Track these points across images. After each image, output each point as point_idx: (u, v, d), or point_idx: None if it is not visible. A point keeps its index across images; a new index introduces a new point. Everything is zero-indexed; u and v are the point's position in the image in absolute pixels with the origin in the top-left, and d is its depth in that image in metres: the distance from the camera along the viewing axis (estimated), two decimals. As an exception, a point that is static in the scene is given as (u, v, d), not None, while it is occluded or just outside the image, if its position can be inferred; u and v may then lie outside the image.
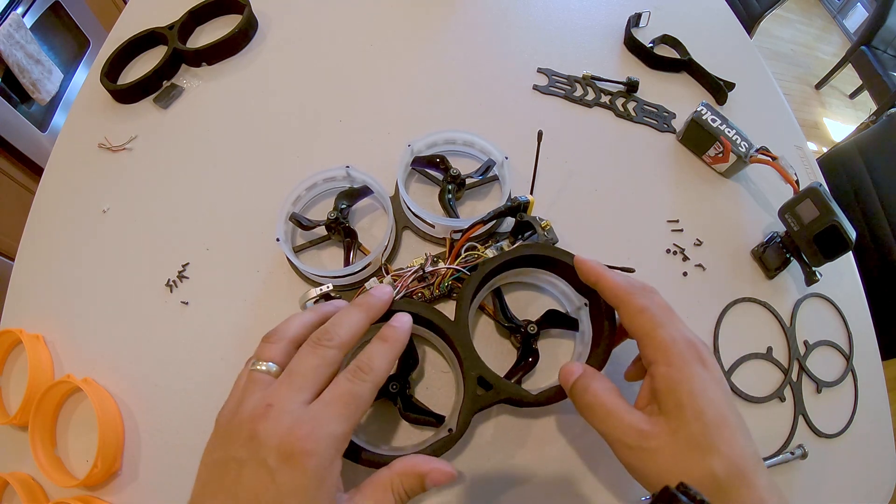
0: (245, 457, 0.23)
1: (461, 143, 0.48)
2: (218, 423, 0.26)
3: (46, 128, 1.06)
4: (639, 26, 0.62)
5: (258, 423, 0.24)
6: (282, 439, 0.23)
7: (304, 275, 0.41)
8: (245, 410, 0.25)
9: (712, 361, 0.28)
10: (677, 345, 0.27)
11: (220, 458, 0.24)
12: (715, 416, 0.25)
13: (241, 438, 0.24)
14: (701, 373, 0.26)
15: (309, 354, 0.27)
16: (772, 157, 0.46)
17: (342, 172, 0.43)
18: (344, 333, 0.28)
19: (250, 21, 0.56)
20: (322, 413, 0.24)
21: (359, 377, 0.26)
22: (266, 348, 0.28)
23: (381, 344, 0.28)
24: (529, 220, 0.38)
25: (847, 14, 2.66)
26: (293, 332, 0.28)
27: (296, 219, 0.42)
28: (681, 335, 0.28)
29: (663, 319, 0.29)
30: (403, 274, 0.38)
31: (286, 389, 0.25)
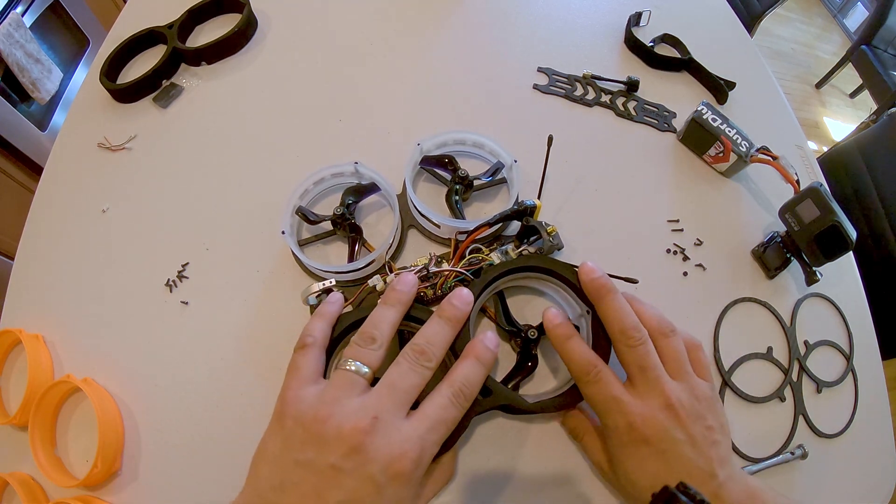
0: (348, 467, 0.24)
1: (471, 144, 0.48)
2: (298, 419, 0.25)
3: (46, 127, 1.06)
4: (639, 25, 0.62)
5: (365, 436, 0.24)
6: (393, 458, 0.24)
7: (307, 269, 0.41)
8: (345, 417, 0.25)
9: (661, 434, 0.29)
10: (618, 432, 0.30)
11: (310, 461, 0.24)
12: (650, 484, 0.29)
13: (342, 447, 0.24)
14: (638, 451, 0.30)
15: (411, 372, 0.27)
16: (772, 156, 0.46)
17: (350, 168, 0.43)
18: (440, 353, 0.29)
19: (250, 20, 0.56)
20: (428, 437, 0.26)
21: (459, 402, 0.27)
22: (364, 352, 0.28)
23: (478, 367, 0.29)
24: (535, 224, 0.38)
25: (847, 13, 2.66)
26: (388, 337, 0.29)
27: (302, 212, 0.42)
28: (625, 421, 0.30)
29: (610, 406, 0.30)
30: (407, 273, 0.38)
31: (391, 404, 0.26)
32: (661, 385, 0.30)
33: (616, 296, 0.33)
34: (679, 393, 0.30)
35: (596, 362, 0.32)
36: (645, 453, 0.29)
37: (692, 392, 0.31)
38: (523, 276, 0.38)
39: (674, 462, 0.29)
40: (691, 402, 0.30)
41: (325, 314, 0.32)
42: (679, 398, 0.30)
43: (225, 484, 0.27)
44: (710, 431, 0.30)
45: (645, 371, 0.31)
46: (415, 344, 0.29)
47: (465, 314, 0.31)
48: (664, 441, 0.29)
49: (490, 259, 0.39)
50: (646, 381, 0.31)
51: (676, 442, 0.29)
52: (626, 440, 0.30)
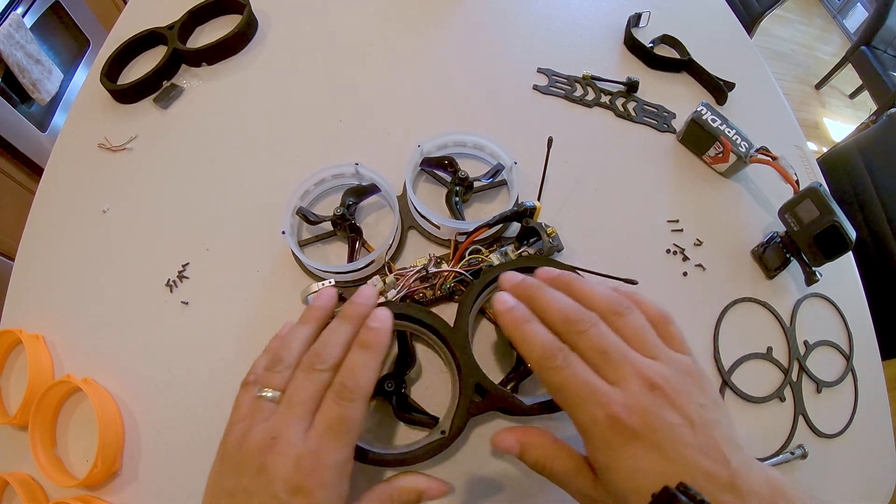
0: (255, 489, 0.24)
1: (471, 146, 0.48)
2: (225, 450, 0.27)
3: (46, 128, 1.06)
4: (639, 26, 0.62)
5: (266, 457, 0.25)
6: (289, 474, 0.24)
7: (307, 269, 0.41)
8: (252, 442, 0.25)
9: (651, 420, 0.24)
10: (599, 427, 0.24)
11: (230, 488, 0.25)
12: (653, 487, 0.23)
13: (250, 470, 0.25)
14: (630, 451, 0.24)
15: (305, 381, 0.27)
16: (772, 157, 0.46)
17: (351, 169, 0.43)
18: (335, 352, 0.28)
19: (250, 21, 0.56)
20: (320, 446, 0.25)
21: (346, 398, 0.26)
22: (271, 377, 0.28)
23: (362, 353, 0.28)
24: (535, 226, 0.38)
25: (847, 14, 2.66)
26: (296, 356, 0.29)
27: (302, 213, 0.42)
28: (604, 413, 0.24)
29: (584, 395, 0.25)
30: (406, 273, 0.38)
31: (288, 420, 0.26)
32: (632, 364, 0.26)
33: (544, 289, 0.29)
34: (658, 369, 0.26)
35: (562, 346, 0.27)
36: (638, 451, 0.24)
37: (673, 366, 0.26)
38: None
39: (675, 455, 0.24)
40: (677, 378, 0.26)
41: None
42: (661, 374, 0.25)
43: (225, 484, 0.27)
44: (706, 409, 0.25)
45: (607, 353, 0.26)
46: (312, 348, 0.28)
47: (367, 309, 0.30)
48: (658, 430, 0.24)
49: (489, 260, 0.39)
50: (612, 364, 0.26)
51: (673, 427, 0.24)
52: (611, 438, 0.24)
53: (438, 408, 0.37)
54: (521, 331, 0.28)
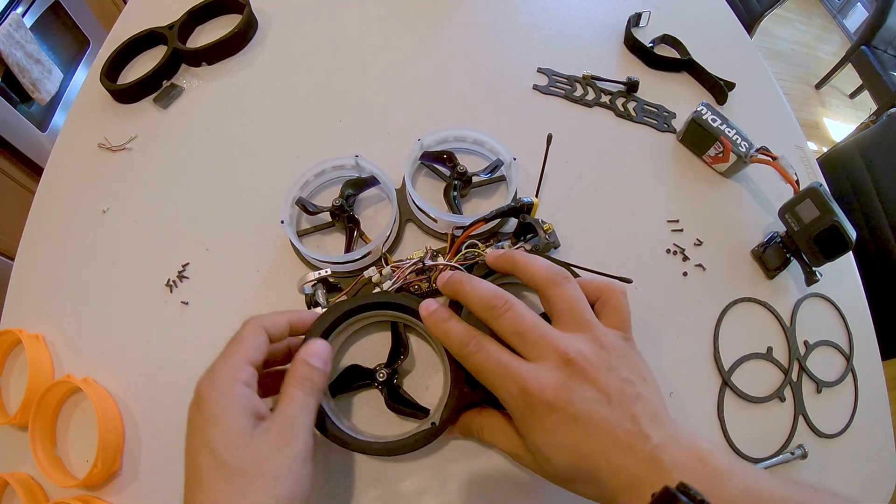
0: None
1: (471, 142, 0.48)
2: None
3: (46, 128, 1.06)
4: (639, 26, 0.62)
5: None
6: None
7: (305, 259, 0.42)
8: None
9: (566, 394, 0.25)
10: (515, 401, 0.26)
11: None
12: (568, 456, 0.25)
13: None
14: (545, 422, 0.25)
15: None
16: (772, 156, 0.46)
17: (351, 161, 0.44)
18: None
19: (250, 21, 0.56)
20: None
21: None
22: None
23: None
24: (532, 221, 0.38)
25: (847, 14, 2.66)
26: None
27: (302, 203, 0.42)
28: (518, 387, 0.26)
29: (499, 372, 0.27)
30: (402, 265, 0.38)
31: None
32: (548, 341, 0.26)
33: (466, 281, 0.30)
34: (576, 344, 0.26)
35: (475, 333, 0.28)
36: (553, 423, 0.25)
37: (596, 342, 0.27)
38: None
39: (590, 428, 0.24)
40: (596, 352, 0.26)
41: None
42: (578, 349, 0.26)
43: (225, 484, 0.27)
44: (628, 384, 0.26)
45: (523, 334, 0.27)
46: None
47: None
48: (571, 403, 0.25)
49: (485, 255, 0.39)
50: (529, 343, 0.27)
51: (587, 401, 0.25)
52: (527, 411, 0.26)
53: (431, 399, 0.37)
54: (441, 328, 0.30)
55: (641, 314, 0.42)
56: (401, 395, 0.36)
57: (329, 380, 0.30)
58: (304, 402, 0.28)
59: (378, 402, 0.36)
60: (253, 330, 0.30)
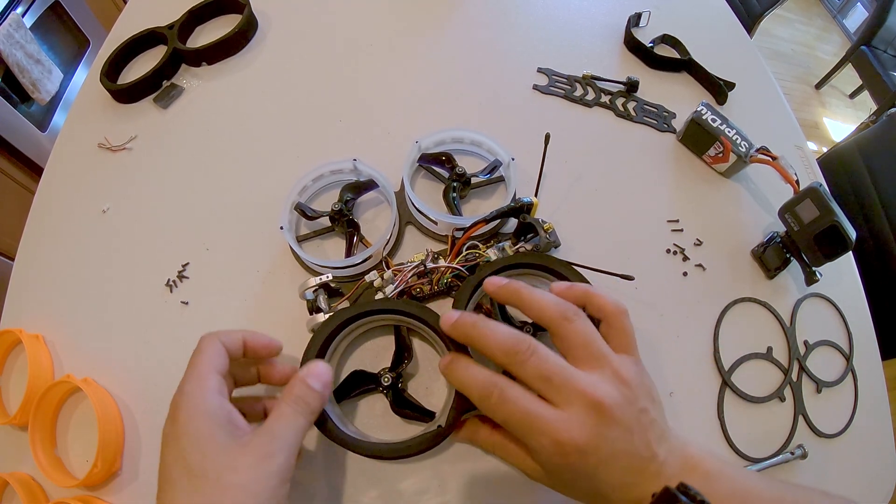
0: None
1: (469, 143, 0.48)
2: None
3: (46, 128, 1.06)
4: (639, 26, 0.62)
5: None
6: None
7: (305, 264, 0.42)
8: None
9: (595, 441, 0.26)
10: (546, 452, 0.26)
11: None
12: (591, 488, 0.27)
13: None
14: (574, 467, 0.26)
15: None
16: (772, 156, 0.46)
17: (349, 165, 0.44)
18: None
19: (250, 21, 0.56)
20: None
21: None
22: None
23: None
24: (532, 221, 0.38)
25: (847, 14, 2.66)
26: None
27: (300, 208, 0.42)
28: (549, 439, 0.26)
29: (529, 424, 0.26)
30: (404, 269, 0.38)
31: None
32: (574, 385, 0.26)
33: (479, 325, 0.29)
34: (602, 386, 0.27)
35: (496, 381, 0.28)
36: (584, 465, 0.26)
37: (616, 378, 0.27)
38: (519, 273, 0.39)
39: (612, 462, 0.26)
40: (618, 389, 0.27)
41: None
42: (605, 393, 0.26)
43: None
44: (644, 413, 0.27)
45: (550, 379, 0.27)
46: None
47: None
48: (600, 448, 0.26)
49: (486, 256, 0.39)
50: (556, 388, 0.27)
51: (614, 441, 0.26)
52: (557, 458, 0.26)
53: (436, 402, 0.37)
54: (458, 378, 0.29)
55: (641, 314, 0.42)
56: (406, 398, 0.35)
57: (324, 403, 0.29)
58: (293, 421, 0.27)
59: (383, 407, 0.36)
60: (208, 341, 0.29)
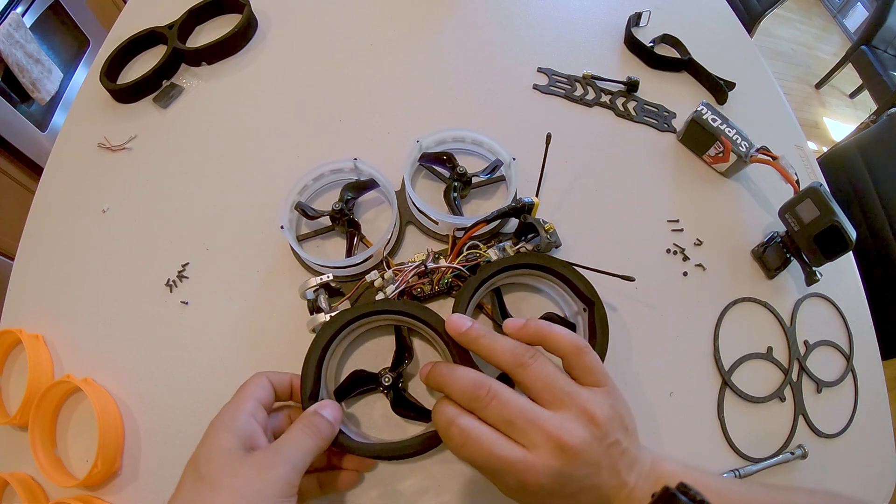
0: None
1: (470, 142, 0.48)
2: None
3: (46, 127, 1.06)
4: (639, 26, 0.62)
5: None
6: None
7: (305, 264, 0.42)
8: None
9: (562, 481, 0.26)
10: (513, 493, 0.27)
11: None
12: None
13: None
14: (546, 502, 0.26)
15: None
16: (772, 156, 0.46)
17: (349, 164, 0.43)
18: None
19: (250, 20, 0.56)
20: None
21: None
22: None
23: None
24: (533, 221, 0.38)
25: (847, 13, 2.66)
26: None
27: (301, 208, 0.42)
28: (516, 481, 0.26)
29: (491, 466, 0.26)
30: (405, 269, 0.38)
31: None
32: (539, 427, 0.26)
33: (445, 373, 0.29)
34: (568, 426, 0.26)
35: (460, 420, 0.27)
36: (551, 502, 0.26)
37: (584, 415, 0.27)
38: (520, 273, 0.39)
39: (581, 495, 0.26)
40: (588, 429, 0.26)
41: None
42: (571, 433, 0.26)
43: (225, 484, 0.27)
44: (616, 446, 0.27)
45: (513, 423, 0.26)
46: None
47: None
48: (567, 486, 0.25)
49: (487, 256, 0.39)
50: (519, 431, 0.26)
51: (581, 479, 0.26)
52: (524, 498, 0.27)
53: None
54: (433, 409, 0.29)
55: (642, 314, 0.42)
56: (406, 398, 0.35)
57: (334, 432, 0.30)
58: (300, 440, 0.28)
59: (383, 407, 0.36)
60: (256, 378, 0.32)
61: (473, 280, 0.35)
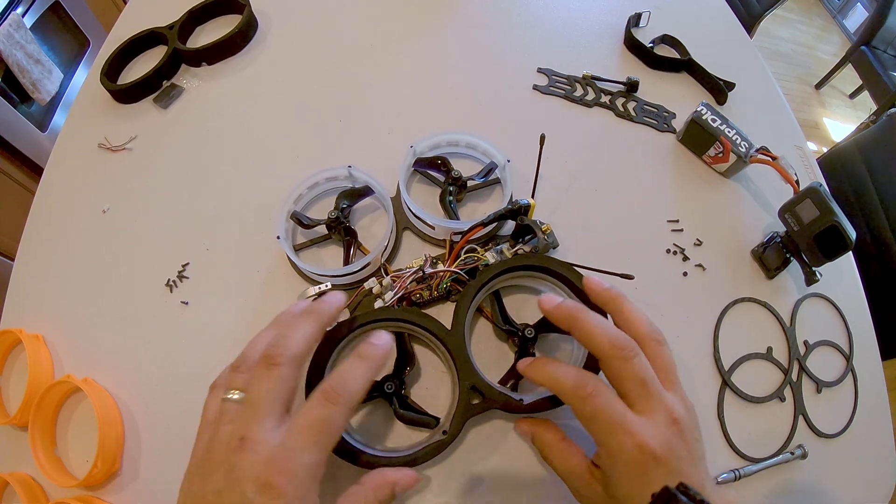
0: (224, 488, 0.24)
1: (464, 146, 0.48)
2: (194, 456, 0.26)
3: (46, 128, 1.06)
4: (639, 26, 0.62)
5: (235, 456, 0.24)
6: (259, 472, 0.23)
7: (303, 273, 0.41)
8: (220, 444, 0.25)
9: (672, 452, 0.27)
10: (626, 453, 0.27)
11: (198, 491, 0.25)
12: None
13: (220, 471, 0.24)
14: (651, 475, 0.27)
15: (262, 378, 0.26)
16: (772, 156, 0.46)
17: (344, 172, 0.43)
18: (294, 346, 0.27)
19: (250, 21, 0.56)
20: (295, 443, 0.24)
21: (331, 401, 0.25)
22: (234, 377, 0.27)
23: (357, 362, 0.27)
24: (530, 223, 0.38)
25: (847, 14, 2.66)
26: (258, 356, 0.27)
27: (296, 217, 0.42)
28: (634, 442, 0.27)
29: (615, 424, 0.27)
30: (403, 275, 0.38)
31: (252, 419, 0.25)
32: (662, 398, 0.28)
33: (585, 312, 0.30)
34: (678, 406, 0.28)
35: (588, 376, 0.29)
36: (655, 473, 0.27)
37: (684, 403, 0.29)
38: (519, 275, 0.39)
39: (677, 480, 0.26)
40: (687, 415, 0.29)
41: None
42: (679, 412, 0.28)
43: (225, 484, 0.27)
44: (699, 444, 0.29)
45: (645, 385, 0.28)
46: (269, 344, 0.27)
47: (332, 307, 0.30)
48: (672, 459, 0.27)
49: (485, 259, 0.39)
50: (647, 395, 0.28)
51: (681, 459, 0.27)
52: (636, 465, 0.27)
53: (441, 408, 0.37)
54: (549, 373, 0.30)
55: (641, 314, 0.42)
56: (409, 404, 0.35)
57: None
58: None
59: (386, 413, 0.36)
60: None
61: (473, 284, 0.35)
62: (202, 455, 0.26)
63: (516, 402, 0.33)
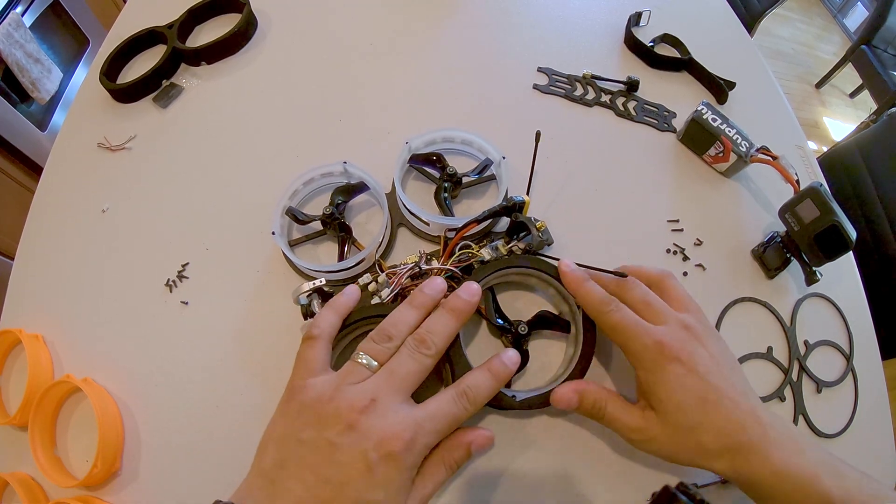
0: (342, 443, 0.25)
1: (459, 142, 0.48)
2: (303, 402, 0.27)
3: (46, 127, 1.06)
4: (639, 25, 0.62)
5: (360, 415, 0.25)
6: (385, 436, 0.25)
7: (298, 269, 0.41)
8: (344, 398, 0.26)
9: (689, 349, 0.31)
10: (649, 352, 0.31)
11: (310, 439, 0.25)
12: (693, 401, 0.30)
13: (338, 425, 0.25)
14: (674, 370, 0.30)
15: (409, 359, 0.29)
16: (772, 156, 0.46)
17: (339, 168, 0.43)
18: (441, 343, 0.30)
19: (250, 20, 0.56)
20: (425, 424, 0.26)
21: (462, 402, 0.28)
22: (377, 348, 0.29)
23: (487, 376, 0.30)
24: (524, 220, 0.38)
25: (847, 13, 2.66)
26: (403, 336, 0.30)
27: (292, 213, 0.42)
28: (652, 340, 0.31)
29: (636, 329, 0.32)
30: (398, 271, 0.38)
31: (388, 387, 0.27)
32: (668, 312, 0.33)
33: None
34: (689, 318, 0.32)
35: (612, 297, 0.34)
36: (680, 371, 0.30)
37: (699, 319, 0.33)
38: (513, 272, 0.39)
39: (707, 379, 0.30)
40: (703, 327, 0.32)
41: (336, 306, 0.33)
42: (691, 322, 0.32)
43: (225, 483, 0.27)
44: (724, 354, 0.32)
45: (650, 304, 0.33)
46: (416, 333, 0.30)
47: (471, 307, 0.32)
48: (692, 357, 0.30)
49: (480, 255, 0.39)
50: (654, 311, 0.33)
51: (703, 357, 0.31)
52: (658, 359, 0.30)
53: None
54: (582, 288, 0.35)
55: (641, 314, 0.42)
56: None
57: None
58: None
59: None
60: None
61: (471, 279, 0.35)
62: (317, 403, 0.27)
63: (509, 398, 0.33)
